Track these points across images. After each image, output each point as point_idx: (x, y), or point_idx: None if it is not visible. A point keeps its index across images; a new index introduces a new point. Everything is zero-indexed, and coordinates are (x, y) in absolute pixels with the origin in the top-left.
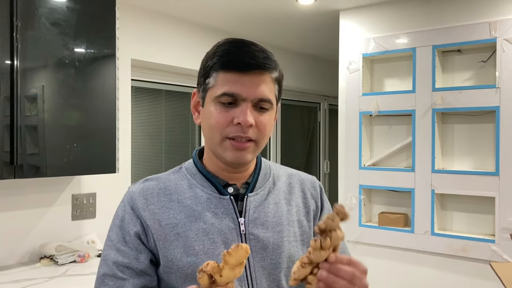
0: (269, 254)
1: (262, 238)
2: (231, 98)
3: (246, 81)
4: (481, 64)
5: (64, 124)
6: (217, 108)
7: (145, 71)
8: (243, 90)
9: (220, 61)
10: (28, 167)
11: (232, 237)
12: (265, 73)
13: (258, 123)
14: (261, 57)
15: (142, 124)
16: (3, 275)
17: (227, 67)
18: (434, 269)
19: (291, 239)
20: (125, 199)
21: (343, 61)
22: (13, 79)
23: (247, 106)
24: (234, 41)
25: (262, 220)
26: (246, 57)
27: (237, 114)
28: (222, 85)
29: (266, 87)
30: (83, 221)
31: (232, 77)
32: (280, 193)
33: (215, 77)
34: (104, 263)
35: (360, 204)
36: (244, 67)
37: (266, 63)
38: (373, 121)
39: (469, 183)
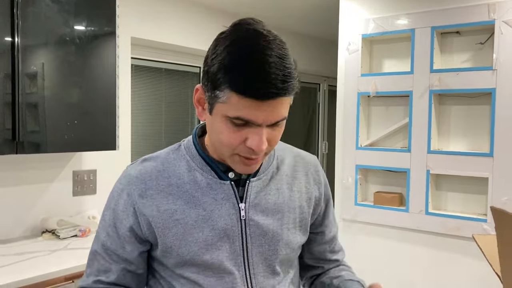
0: (268, 241)
1: (262, 224)
2: (245, 121)
3: (263, 108)
4: (479, 46)
5: (64, 101)
6: (228, 127)
7: (145, 49)
8: (260, 116)
9: (233, 82)
10: (29, 143)
11: (232, 222)
12: (286, 96)
13: (270, 139)
14: (281, 79)
15: (142, 102)
16: (7, 248)
17: (242, 93)
18: (428, 247)
19: (290, 226)
20: (122, 182)
21: (343, 41)
22: (14, 56)
23: (262, 131)
24: (246, 51)
25: (263, 206)
26: (265, 85)
27: (251, 138)
28: (236, 109)
29: (284, 108)
30: (84, 197)
31: (248, 103)
32: (283, 177)
33: (227, 94)
34: (96, 241)
35: (356, 183)
36: (263, 97)
37: (288, 88)
38: (371, 102)
39: (464, 164)
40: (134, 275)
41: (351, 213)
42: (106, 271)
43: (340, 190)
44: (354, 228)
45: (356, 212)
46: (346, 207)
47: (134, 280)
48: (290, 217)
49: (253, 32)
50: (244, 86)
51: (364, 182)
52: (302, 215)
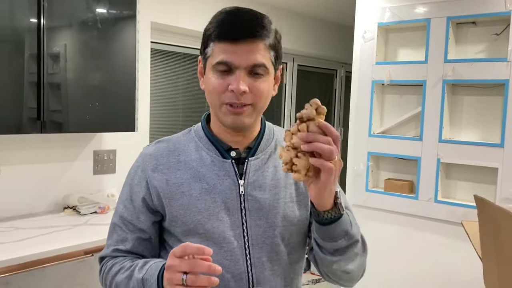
0: (265, 214)
1: (259, 199)
2: (226, 66)
3: (238, 49)
4: (494, 37)
5: (86, 83)
6: (214, 76)
7: (165, 34)
8: (236, 58)
9: (215, 31)
10: (53, 123)
11: (232, 197)
12: (257, 41)
13: (252, 88)
14: (253, 25)
15: (161, 86)
16: (32, 221)
17: (221, 37)
18: (436, 234)
19: (287, 200)
20: (138, 160)
21: (359, 29)
22: (40, 37)
23: (240, 74)
24: (229, 11)
25: (260, 182)
26: (238, 27)
27: (231, 81)
28: (218, 55)
29: (259, 54)
30: (104, 176)
31: (226, 47)
32: None
33: (212, 46)
34: (115, 214)
35: (368, 170)
36: (236, 36)
37: (257, 31)
38: (385, 90)
39: (474, 153)
40: (148, 244)
41: (361, 199)
42: (123, 240)
43: (352, 176)
44: (364, 213)
45: (366, 198)
46: (357, 193)
47: (148, 248)
48: (286, 192)
49: (236, 7)
50: (219, 32)
51: (375, 169)
52: (299, 190)
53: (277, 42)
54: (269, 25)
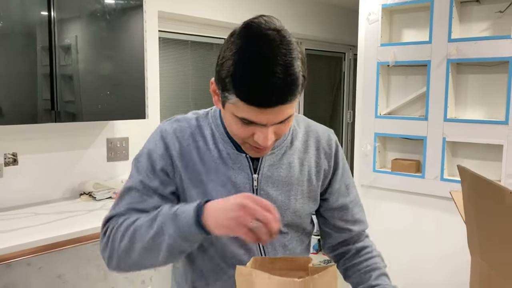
0: (276, 209)
1: (271, 195)
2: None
3: (267, 112)
4: (498, 15)
5: (97, 73)
6: (236, 122)
7: (172, 22)
8: (263, 119)
9: (237, 91)
10: (66, 112)
11: (245, 190)
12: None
13: (278, 132)
14: (285, 88)
15: (169, 74)
16: (49, 207)
17: (246, 101)
18: (443, 212)
19: (298, 197)
20: (157, 135)
21: (363, 11)
22: (51, 29)
23: (267, 130)
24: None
25: (274, 179)
26: (268, 95)
27: (257, 134)
28: (242, 112)
29: (289, 110)
30: (117, 163)
31: (252, 109)
32: (296, 152)
33: (233, 98)
34: (131, 180)
35: (375, 151)
36: (266, 105)
37: (290, 95)
38: (390, 71)
39: (479, 131)
40: None
41: (369, 179)
42: (140, 202)
43: (359, 157)
44: (372, 193)
45: (374, 178)
46: (364, 173)
47: None
48: (298, 189)
49: (261, 38)
50: (247, 96)
51: (382, 149)
52: (311, 187)
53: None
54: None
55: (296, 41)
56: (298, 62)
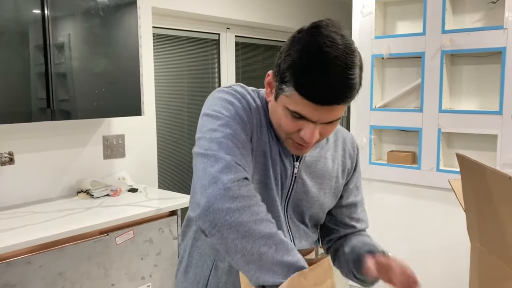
0: (307, 198)
1: (307, 184)
2: (302, 116)
3: (321, 110)
4: (491, 5)
5: (92, 71)
6: (286, 115)
7: (166, 18)
8: (315, 115)
9: (297, 84)
10: (62, 111)
11: (286, 175)
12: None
13: (323, 133)
14: (342, 91)
15: (164, 70)
16: (48, 206)
17: (303, 95)
18: (439, 202)
19: (326, 191)
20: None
21: (357, 4)
22: (45, 27)
23: (315, 127)
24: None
25: (312, 169)
26: (326, 94)
27: (304, 130)
28: (295, 105)
29: (340, 111)
30: (114, 160)
31: (307, 104)
32: (330, 149)
33: (291, 91)
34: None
35: (371, 143)
36: (322, 103)
37: (347, 98)
38: (385, 64)
39: (474, 122)
40: None
41: (365, 171)
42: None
43: None
44: (369, 186)
45: (370, 170)
46: (361, 166)
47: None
48: (328, 183)
49: (325, 39)
50: (306, 90)
51: (378, 141)
52: (337, 184)
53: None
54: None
55: (357, 50)
56: (357, 68)
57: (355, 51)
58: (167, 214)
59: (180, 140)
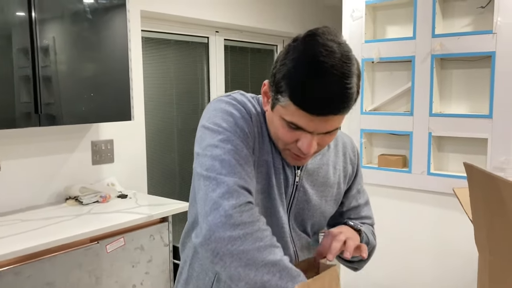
0: (309, 207)
1: (309, 192)
2: (298, 127)
3: (317, 120)
4: (480, 10)
5: (80, 75)
6: (283, 126)
7: (155, 21)
8: (312, 126)
9: (292, 94)
10: (50, 116)
11: (288, 184)
12: (340, 114)
13: (321, 143)
14: (339, 100)
15: (153, 74)
16: (35, 213)
17: (299, 105)
18: (430, 206)
19: (328, 199)
20: (236, 102)
21: (347, 8)
22: (32, 30)
23: (312, 137)
24: (310, 67)
25: (313, 178)
26: (321, 104)
27: (302, 140)
28: (292, 116)
29: (337, 121)
30: (103, 166)
31: (303, 115)
32: (331, 156)
33: (286, 101)
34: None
35: (361, 147)
36: (317, 113)
37: (343, 108)
38: (375, 68)
39: (464, 125)
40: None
41: None
42: (248, 174)
43: None
44: None
45: None
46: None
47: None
48: (330, 191)
49: (321, 48)
50: (301, 100)
51: (368, 145)
52: (338, 190)
53: (357, 96)
54: (355, 84)
55: (355, 58)
56: (354, 77)
57: (353, 59)
58: (158, 220)
59: (169, 145)
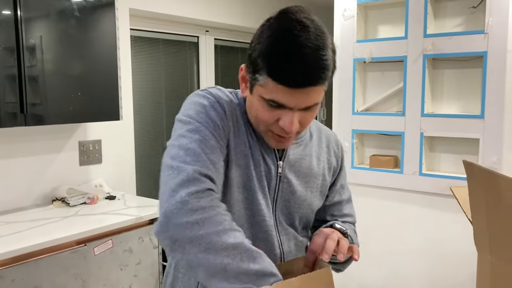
0: (294, 199)
1: (293, 183)
2: (278, 104)
3: (296, 94)
4: (471, 10)
5: (67, 74)
6: (263, 106)
7: (144, 20)
8: (291, 101)
9: (269, 69)
10: (36, 115)
11: (271, 176)
12: (318, 85)
13: (302, 121)
14: (315, 71)
15: (142, 73)
16: (21, 215)
17: (276, 80)
18: (422, 207)
19: (313, 190)
20: (210, 97)
21: (338, 8)
22: (18, 29)
23: (293, 114)
24: (285, 42)
25: (296, 168)
26: (298, 75)
27: (283, 119)
28: (271, 92)
29: (316, 95)
30: (90, 166)
31: (281, 89)
32: (313, 147)
33: (264, 79)
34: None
35: (353, 147)
36: (295, 85)
37: (320, 78)
38: (367, 68)
39: (456, 126)
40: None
41: (348, 176)
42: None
43: None
44: (351, 190)
45: (352, 174)
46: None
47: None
48: (314, 182)
49: (295, 23)
50: (279, 74)
51: (360, 146)
52: (323, 182)
53: (333, 67)
54: (330, 56)
55: (329, 34)
56: (329, 50)
57: (326, 33)
58: (147, 222)
59: (158, 145)
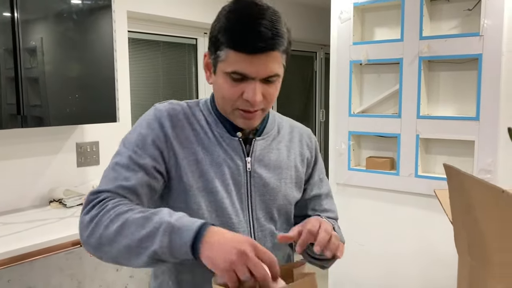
0: (269, 191)
1: (264, 177)
2: (240, 76)
3: (255, 60)
4: (466, 13)
5: (64, 75)
6: (227, 82)
7: (142, 22)
8: (252, 70)
9: (229, 40)
10: (33, 117)
11: (239, 173)
12: (274, 51)
13: (266, 95)
14: (270, 36)
15: (140, 75)
16: (18, 216)
17: (236, 48)
18: (417, 208)
19: (287, 181)
20: (152, 114)
21: (335, 10)
22: (15, 31)
23: (255, 84)
24: (242, 15)
25: (266, 162)
26: (255, 40)
27: (246, 90)
28: (232, 64)
29: (275, 64)
30: (88, 168)
31: (242, 58)
32: (283, 140)
33: (226, 52)
34: (118, 156)
35: (349, 149)
36: (254, 50)
37: (275, 43)
38: (363, 70)
39: (452, 128)
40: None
41: (344, 177)
42: (126, 179)
43: (334, 156)
44: (348, 191)
45: (349, 176)
46: (339, 172)
47: (147, 195)
48: (287, 173)
49: (250, 3)
50: (237, 42)
51: (356, 147)
52: (297, 173)
53: (289, 44)
54: (285, 30)
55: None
56: (283, 26)
57: (279, 14)
58: None
59: None
